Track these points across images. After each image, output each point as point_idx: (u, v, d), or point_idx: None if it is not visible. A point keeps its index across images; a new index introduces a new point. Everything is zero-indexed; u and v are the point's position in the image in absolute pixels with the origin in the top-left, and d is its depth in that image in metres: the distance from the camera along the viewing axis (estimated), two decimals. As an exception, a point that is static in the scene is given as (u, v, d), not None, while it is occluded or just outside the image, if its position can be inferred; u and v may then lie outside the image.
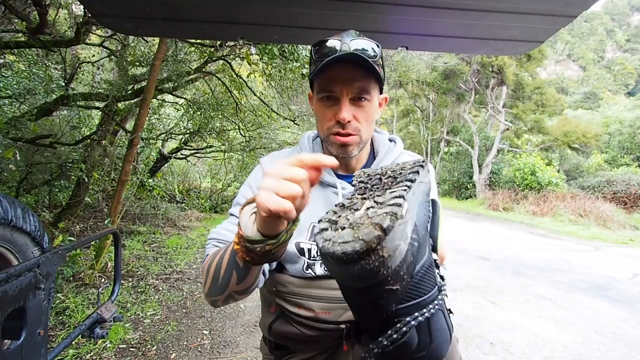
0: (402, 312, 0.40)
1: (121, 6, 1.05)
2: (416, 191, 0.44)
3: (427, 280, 0.42)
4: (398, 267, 0.36)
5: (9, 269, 0.81)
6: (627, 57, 67.34)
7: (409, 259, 0.37)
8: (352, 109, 0.75)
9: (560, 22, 1.07)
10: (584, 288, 3.88)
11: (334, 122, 0.76)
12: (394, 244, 0.34)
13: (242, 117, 6.39)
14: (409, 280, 0.39)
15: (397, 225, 0.34)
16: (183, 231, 5.24)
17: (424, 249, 0.42)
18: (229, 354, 2.09)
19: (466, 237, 6.84)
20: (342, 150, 0.79)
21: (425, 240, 0.43)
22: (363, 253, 0.33)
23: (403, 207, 0.36)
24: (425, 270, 0.42)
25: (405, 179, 0.44)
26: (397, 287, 0.37)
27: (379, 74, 0.74)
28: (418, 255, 0.39)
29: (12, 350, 0.84)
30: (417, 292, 0.41)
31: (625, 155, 17.96)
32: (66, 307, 2.35)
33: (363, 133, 0.78)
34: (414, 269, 0.39)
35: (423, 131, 21.97)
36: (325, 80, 0.75)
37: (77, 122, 5.05)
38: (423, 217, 0.43)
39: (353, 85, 0.73)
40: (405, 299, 0.40)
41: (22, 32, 3.82)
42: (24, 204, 1.38)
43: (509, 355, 2.29)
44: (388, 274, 0.35)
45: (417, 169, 0.48)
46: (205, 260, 0.72)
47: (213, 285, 0.65)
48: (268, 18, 1.10)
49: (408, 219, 0.37)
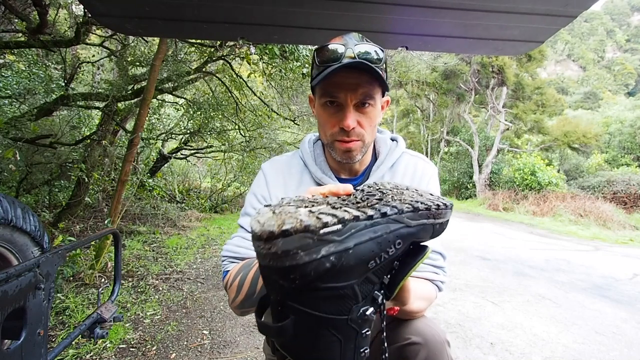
0: (287, 306, 0.43)
1: (121, 6, 1.05)
2: (380, 225, 0.43)
3: (332, 304, 0.42)
4: (288, 268, 0.38)
5: (9, 269, 0.81)
6: (627, 57, 67.35)
7: (306, 271, 0.38)
8: (356, 115, 0.75)
9: (560, 22, 1.07)
10: (584, 288, 3.88)
11: (338, 129, 0.75)
12: (286, 247, 0.37)
13: (242, 117, 6.39)
14: (301, 288, 0.40)
15: (298, 235, 0.37)
16: (183, 231, 5.24)
17: (344, 277, 0.42)
18: (229, 354, 2.09)
19: (466, 237, 6.84)
20: (346, 155, 0.79)
21: (353, 271, 0.42)
22: (258, 236, 0.38)
23: (328, 227, 0.39)
24: (333, 295, 0.42)
25: (378, 208, 0.44)
26: (283, 284, 0.40)
27: (383, 78, 0.73)
28: (325, 276, 0.39)
29: (12, 350, 0.84)
30: (309, 304, 0.42)
31: (626, 155, 17.97)
32: (66, 307, 2.35)
33: (366, 138, 0.78)
34: (312, 284, 0.40)
35: (423, 131, 21.98)
36: (328, 86, 0.74)
37: (77, 122, 5.05)
38: (366, 251, 0.41)
39: (357, 91, 0.72)
40: (293, 300, 0.42)
41: (22, 32, 3.82)
42: (24, 204, 1.38)
43: (509, 355, 2.29)
44: (275, 265, 0.38)
45: (411, 209, 0.46)
46: (227, 276, 0.77)
47: (247, 299, 0.70)
48: (268, 18, 1.10)
49: (330, 240, 0.39)
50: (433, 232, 0.50)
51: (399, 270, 0.49)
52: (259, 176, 0.90)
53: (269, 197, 0.85)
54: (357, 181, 0.87)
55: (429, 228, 0.49)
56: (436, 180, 0.90)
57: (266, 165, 0.91)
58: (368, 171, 0.88)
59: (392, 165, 0.88)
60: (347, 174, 0.87)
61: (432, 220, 0.49)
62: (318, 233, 0.38)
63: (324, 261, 0.39)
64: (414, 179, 0.87)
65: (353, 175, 0.87)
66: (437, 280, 0.82)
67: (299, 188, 0.86)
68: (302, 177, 0.87)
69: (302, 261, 0.38)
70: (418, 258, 0.50)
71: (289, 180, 0.87)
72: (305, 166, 0.88)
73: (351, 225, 0.41)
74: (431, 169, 0.90)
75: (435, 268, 0.83)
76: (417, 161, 0.90)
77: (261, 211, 0.43)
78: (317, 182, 0.85)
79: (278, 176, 0.88)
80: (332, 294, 0.42)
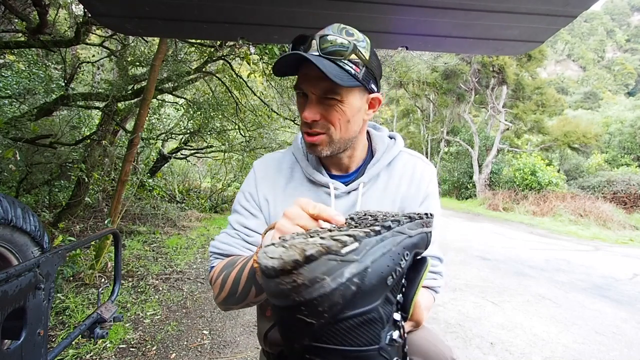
0: (315, 351, 0.39)
1: (121, 6, 1.05)
2: (387, 239, 0.42)
3: (362, 333, 0.40)
4: (316, 300, 0.36)
5: (9, 269, 0.81)
6: (627, 57, 67.36)
7: (335, 299, 0.36)
8: (321, 108, 0.73)
9: (560, 22, 1.07)
10: (584, 288, 3.88)
11: (303, 121, 0.75)
12: (313, 274, 0.35)
13: (242, 117, 6.39)
14: (330, 322, 0.37)
15: (323, 258, 0.35)
16: (183, 231, 5.24)
17: (369, 300, 0.40)
18: (229, 354, 2.09)
19: (466, 237, 6.84)
20: (311, 149, 0.78)
21: (376, 292, 0.40)
22: (278, 271, 0.35)
23: (348, 245, 0.37)
24: (362, 322, 0.40)
25: (381, 225, 0.43)
26: (311, 321, 0.37)
27: (354, 74, 0.70)
28: (353, 302, 0.38)
29: (12, 350, 0.84)
30: (340, 339, 0.39)
31: (626, 155, 17.97)
32: (66, 307, 2.35)
33: (334, 133, 0.75)
34: (342, 313, 0.37)
35: (423, 131, 21.99)
36: (298, 78, 0.75)
37: (77, 122, 5.05)
38: (382, 267, 0.40)
39: (318, 85, 0.71)
40: (322, 339, 0.39)
41: (22, 32, 3.82)
42: (24, 204, 1.38)
43: (509, 355, 2.29)
44: (300, 301, 0.36)
45: (408, 219, 0.46)
46: (214, 272, 0.78)
47: (230, 297, 0.70)
48: (268, 18, 1.10)
49: (351, 260, 0.37)
50: (427, 243, 0.50)
51: (408, 288, 0.49)
52: (249, 174, 0.90)
53: (256, 195, 0.85)
54: (349, 178, 0.85)
55: (425, 237, 0.49)
56: (435, 182, 0.88)
57: (257, 163, 0.91)
58: (363, 168, 0.86)
59: (389, 163, 0.86)
60: (338, 170, 0.86)
61: (426, 229, 0.49)
62: (340, 253, 0.37)
63: (349, 284, 0.37)
64: (412, 180, 0.85)
65: (344, 171, 0.86)
66: (435, 286, 0.82)
67: (289, 184, 0.85)
68: (293, 173, 0.87)
69: (330, 288, 0.36)
70: (422, 271, 0.50)
71: (278, 177, 0.86)
72: (297, 161, 0.88)
73: (365, 242, 0.40)
74: (430, 170, 0.87)
75: (433, 274, 0.82)
76: (416, 161, 0.88)
77: (267, 250, 0.39)
78: (308, 177, 0.85)
79: (267, 173, 0.87)
80: (361, 321, 0.40)
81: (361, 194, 0.82)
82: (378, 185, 0.84)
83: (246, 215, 0.84)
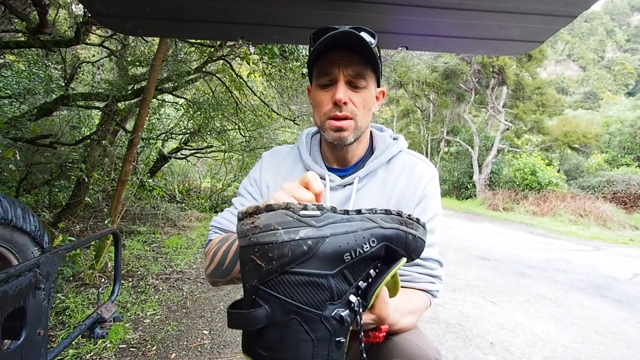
0: (261, 294, 0.43)
1: (121, 6, 1.05)
2: (355, 221, 0.46)
3: (305, 293, 0.43)
4: (267, 245, 0.41)
5: (9, 269, 0.81)
6: (627, 57, 67.34)
7: (284, 250, 0.41)
8: (349, 92, 0.76)
9: (560, 22, 1.07)
10: (584, 288, 3.88)
11: (331, 106, 0.77)
12: (268, 221, 0.41)
13: (242, 117, 6.39)
14: (277, 270, 0.41)
15: (280, 211, 0.41)
16: (183, 231, 5.24)
17: (320, 266, 0.43)
18: (229, 354, 2.09)
19: (466, 237, 6.84)
20: (337, 135, 0.78)
21: (329, 261, 0.43)
22: (243, 214, 0.42)
23: (307, 210, 0.43)
24: (307, 281, 0.42)
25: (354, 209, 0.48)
26: (261, 264, 0.41)
27: (376, 61, 0.76)
28: (302, 260, 0.41)
29: (12, 350, 0.84)
30: (283, 290, 0.42)
31: (626, 155, 17.96)
32: (66, 307, 2.35)
33: (359, 119, 0.78)
34: (288, 265, 0.41)
35: (423, 131, 21.98)
36: (323, 65, 0.77)
37: (77, 122, 5.05)
38: (341, 242, 0.43)
39: (350, 67, 0.75)
40: (268, 284, 0.42)
41: (22, 32, 3.82)
42: (24, 204, 1.38)
43: (509, 355, 2.29)
44: (254, 242, 0.41)
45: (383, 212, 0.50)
46: (209, 244, 0.82)
47: (217, 269, 0.73)
48: (268, 18, 1.10)
49: (309, 224, 0.42)
50: (407, 243, 0.50)
51: (375, 278, 0.50)
52: (257, 162, 0.96)
53: (259, 180, 0.90)
54: (347, 172, 0.86)
55: (402, 236, 0.50)
56: (436, 184, 0.86)
57: (266, 154, 0.96)
58: (361, 164, 0.87)
59: (388, 160, 0.86)
60: (338, 164, 0.87)
61: (405, 228, 0.50)
62: (298, 212, 0.41)
63: (302, 243, 0.41)
64: (410, 179, 0.84)
65: (345, 165, 0.87)
66: (433, 290, 0.81)
67: (290, 174, 0.89)
68: (295, 166, 0.90)
69: (281, 239, 0.40)
70: (392, 266, 0.51)
71: (282, 167, 0.91)
72: (300, 155, 0.91)
73: (328, 215, 0.44)
74: (431, 171, 0.86)
75: (432, 278, 0.81)
76: (417, 161, 0.87)
77: (248, 204, 0.46)
78: (307, 168, 0.88)
79: (273, 163, 0.92)
80: (306, 280, 0.42)
81: (356, 188, 0.82)
82: (375, 181, 0.84)
83: (249, 198, 0.89)
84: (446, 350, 2.30)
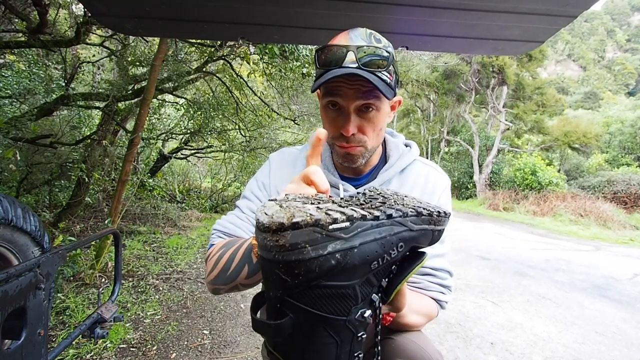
0: (286, 304, 0.42)
1: (121, 6, 1.05)
2: (385, 226, 0.43)
3: (332, 304, 0.42)
4: (293, 263, 0.38)
5: (10, 269, 0.81)
6: (627, 57, 67.31)
7: (311, 267, 0.38)
8: (358, 120, 0.72)
9: (560, 22, 1.07)
10: (584, 288, 3.88)
11: (339, 134, 0.73)
12: (295, 240, 0.37)
13: (243, 117, 6.40)
14: (303, 284, 0.40)
15: (308, 228, 0.38)
16: (183, 231, 5.24)
17: (347, 277, 0.41)
18: (229, 353, 2.09)
19: (466, 237, 6.84)
20: (346, 158, 0.77)
21: (357, 271, 0.42)
22: (265, 228, 0.38)
23: (337, 223, 0.39)
24: (334, 294, 0.42)
25: (384, 210, 0.44)
26: (286, 279, 0.40)
27: (388, 83, 0.69)
28: (329, 274, 0.40)
29: (12, 350, 0.84)
30: (310, 302, 0.41)
31: (626, 155, 17.95)
32: (66, 307, 2.35)
33: (369, 144, 0.76)
34: (316, 280, 0.39)
35: (423, 131, 21.96)
36: (330, 90, 0.71)
37: (77, 122, 5.05)
38: (369, 251, 0.41)
39: (358, 98, 0.70)
40: (294, 297, 0.41)
41: (22, 32, 3.82)
42: (24, 204, 1.38)
43: (509, 355, 2.29)
44: (279, 260, 0.38)
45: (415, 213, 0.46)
46: (212, 249, 0.77)
47: (221, 275, 0.69)
48: (268, 18, 1.10)
49: (337, 237, 0.39)
50: (432, 238, 0.50)
51: (396, 275, 0.50)
52: (265, 164, 0.91)
53: (268, 185, 0.86)
54: (360, 182, 0.85)
55: (429, 234, 0.49)
56: (448, 194, 0.86)
57: (274, 155, 0.92)
58: (375, 173, 0.85)
59: (402, 170, 0.85)
60: (351, 173, 0.85)
61: (433, 227, 0.49)
62: (327, 228, 0.38)
63: (330, 258, 0.39)
64: (424, 191, 0.83)
65: (357, 175, 0.85)
66: (442, 301, 0.81)
67: None
68: None
69: (309, 256, 0.38)
70: (416, 263, 0.50)
71: (292, 172, 0.86)
72: None
73: (358, 224, 0.41)
74: (444, 181, 0.86)
75: (443, 288, 0.82)
76: (430, 171, 0.86)
77: (267, 204, 0.42)
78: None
79: (282, 168, 0.88)
80: (333, 293, 0.41)
81: None
82: None
83: (256, 202, 0.85)
84: (446, 350, 2.30)
